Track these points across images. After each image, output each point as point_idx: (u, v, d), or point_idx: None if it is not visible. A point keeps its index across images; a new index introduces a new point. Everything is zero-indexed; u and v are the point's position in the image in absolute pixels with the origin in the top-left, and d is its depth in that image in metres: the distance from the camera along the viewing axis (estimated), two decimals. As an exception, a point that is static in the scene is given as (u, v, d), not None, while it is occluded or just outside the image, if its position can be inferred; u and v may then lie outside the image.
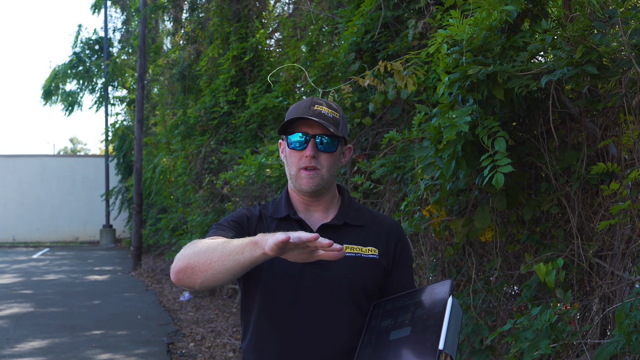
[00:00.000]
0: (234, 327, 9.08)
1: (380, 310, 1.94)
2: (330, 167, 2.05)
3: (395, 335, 1.76)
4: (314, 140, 2.02)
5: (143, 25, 16.45)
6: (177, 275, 1.85)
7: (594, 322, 3.04)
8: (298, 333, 1.98)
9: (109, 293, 12.40)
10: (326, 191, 2.10)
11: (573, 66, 2.45)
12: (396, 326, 1.80)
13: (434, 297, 1.79)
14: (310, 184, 2.03)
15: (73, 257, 20.73)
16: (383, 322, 1.87)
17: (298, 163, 2.04)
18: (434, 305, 1.75)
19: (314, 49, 9.14)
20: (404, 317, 1.81)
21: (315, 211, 2.12)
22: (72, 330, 8.77)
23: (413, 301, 1.85)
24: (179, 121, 12.77)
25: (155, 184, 16.35)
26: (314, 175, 2.03)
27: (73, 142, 63.22)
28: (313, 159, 2.02)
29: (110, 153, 25.65)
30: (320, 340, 1.98)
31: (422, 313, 1.76)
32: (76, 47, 26.76)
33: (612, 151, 3.04)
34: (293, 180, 2.07)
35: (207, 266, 1.78)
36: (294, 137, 2.04)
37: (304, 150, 2.02)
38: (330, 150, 2.03)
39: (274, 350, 2.00)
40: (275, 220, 2.11)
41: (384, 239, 2.10)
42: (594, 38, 2.39)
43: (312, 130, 2.03)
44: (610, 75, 2.45)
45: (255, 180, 7.73)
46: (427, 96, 4.99)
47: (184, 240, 11.80)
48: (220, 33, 12.09)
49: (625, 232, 2.97)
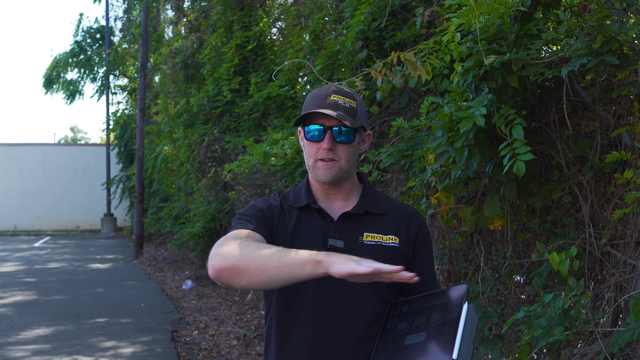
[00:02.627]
0: (237, 316, 9.11)
1: (397, 312, 1.94)
2: (349, 158, 2.04)
3: (410, 340, 1.75)
4: (330, 132, 2.00)
5: (145, 13, 16.41)
6: (219, 273, 1.78)
7: (606, 311, 3.05)
8: (322, 321, 1.99)
9: (112, 281, 12.43)
10: (345, 180, 2.09)
11: (592, 56, 2.45)
12: (411, 330, 1.79)
13: (449, 302, 1.77)
14: (328, 175, 2.02)
15: (74, 245, 20.77)
16: (399, 325, 1.86)
17: (315, 154, 2.03)
18: (449, 311, 1.74)
19: (317, 38, 9.11)
20: (419, 321, 1.80)
21: (336, 199, 2.11)
22: (76, 318, 8.80)
23: (429, 305, 1.84)
24: (182, 110, 12.75)
25: (157, 172, 16.34)
26: (331, 166, 2.01)
27: (74, 130, 63.18)
28: (330, 151, 2.00)
29: (111, 142, 25.63)
30: (343, 328, 1.98)
31: (437, 318, 1.75)
32: (77, 35, 26.71)
33: (625, 140, 3.04)
34: (311, 171, 2.06)
35: (259, 272, 1.74)
36: (310, 129, 2.03)
37: (321, 142, 2.01)
38: (348, 142, 2.02)
39: (298, 337, 2.00)
40: (295, 209, 2.10)
41: (404, 227, 2.10)
42: (612, 27, 2.38)
43: (328, 122, 2.01)
44: (630, 65, 2.44)
45: (260, 169, 7.72)
46: (435, 84, 4.98)
47: (186, 228, 11.81)
48: (224, 22, 12.05)
49: (638, 220, 2.97)
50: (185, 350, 7.26)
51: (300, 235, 2.03)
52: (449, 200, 3.81)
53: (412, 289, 2.06)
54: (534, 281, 3.29)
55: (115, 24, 26.50)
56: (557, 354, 3.09)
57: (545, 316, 2.62)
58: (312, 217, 2.05)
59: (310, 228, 2.04)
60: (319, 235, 2.02)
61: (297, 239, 2.01)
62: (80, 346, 7.20)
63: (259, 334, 7.84)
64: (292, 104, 10.17)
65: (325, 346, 1.99)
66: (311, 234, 2.03)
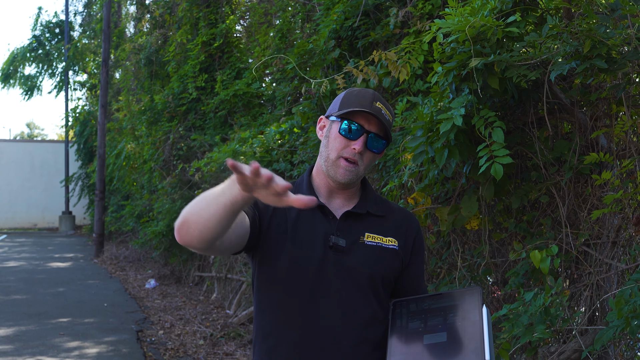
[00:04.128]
0: (203, 315, 9.03)
1: (404, 310, 1.93)
2: (368, 165, 2.04)
3: (431, 340, 1.76)
4: (367, 135, 1.99)
5: (108, 8, 16.17)
6: (178, 233, 1.74)
7: (584, 309, 3.10)
8: (317, 321, 1.96)
9: (73, 280, 12.22)
10: (354, 183, 2.08)
11: (581, 60, 2.49)
12: (428, 330, 1.79)
13: (464, 303, 1.79)
14: (346, 176, 2.00)
15: (32, 244, 20.35)
16: (411, 324, 1.86)
17: (341, 150, 2.00)
18: (467, 313, 1.76)
19: (285, 37, 9.09)
20: (435, 321, 1.81)
21: (337, 198, 2.09)
22: (37, 318, 8.62)
23: (441, 305, 1.85)
24: (145, 107, 12.59)
25: (118, 170, 16.11)
26: (352, 169, 1.99)
27: (30, 127, 61.94)
28: (358, 154, 1.99)
29: (70, 138, 25.18)
30: (339, 328, 1.96)
31: (454, 319, 1.77)
32: (36, 30, 26.23)
33: (602, 142, 3.10)
34: (329, 165, 2.02)
35: (199, 217, 1.69)
36: (349, 124, 2.00)
37: (354, 141, 1.98)
38: (377, 152, 2.02)
39: (292, 338, 1.98)
40: None
41: (403, 231, 2.10)
42: (598, 31, 2.43)
43: (368, 125, 1.99)
44: (618, 68, 2.50)
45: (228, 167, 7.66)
46: (409, 85, 5.01)
47: (150, 227, 11.67)
48: (189, 18, 11.95)
49: (615, 221, 3.03)
50: (152, 350, 7.18)
51: (302, 230, 2.01)
52: (426, 200, 3.84)
53: (404, 292, 2.08)
54: (511, 280, 3.33)
55: (75, 19, 26.11)
56: (534, 352, 3.14)
57: (527, 314, 2.65)
58: (314, 213, 2.03)
59: (311, 224, 2.02)
60: (320, 232, 2.00)
61: (298, 234, 2.00)
62: (43, 347, 7.06)
63: (225, 333, 7.79)
64: (258, 102, 10.14)
65: (320, 348, 1.96)
66: (313, 229, 2.01)
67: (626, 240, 2.99)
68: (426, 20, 4.99)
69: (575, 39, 2.54)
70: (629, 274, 2.91)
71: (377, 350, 1.98)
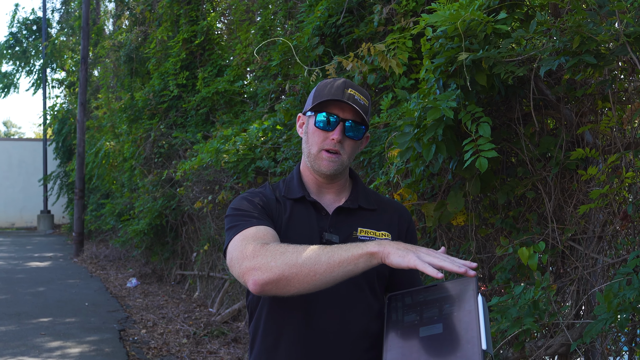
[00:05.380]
0: (185, 313, 8.99)
1: (399, 303, 1.90)
2: (351, 153, 2.04)
3: (426, 332, 1.73)
4: (343, 124, 1.99)
5: (87, 5, 16.02)
6: (264, 287, 1.72)
7: (570, 303, 3.13)
8: (316, 318, 1.96)
9: (53, 280, 12.10)
10: (341, 175, 2.08)
11: (570, 55, 2.51)
12: (424, 322, 1.76)
13: (459, 293, 1.76)
14: (330, 167, 2.00)
15: (10, 243, 20.12)
16: (406, 317, 1.83)
17: (321, 143, 2.01)
18: (463, 302, 1.73)
19: (266, 34, 9.07)
20: (430, 312, 1.78)
21: (328, 193, 2.09)
22: (18, 318, 8.53)
23: (437, 296, 1.82)
24: (126, 104, 12.50)
25: (97, 168, 15.98)
26: (335, 159, 2.00)
27: (7, 125, 61.12)
28: (338, 143, 1.99)
29: (48, 137, 24.91)
30: (338, 325, 1.96)
31: (450, 310, 1.74)
32: (13, 27, 25.86)
33: (587, 137, 3.13)
34: (312, 159, 2.03)
35: (310, 278, 1.69)
36: (324, 116, 2.00)
37: (331, 132, 1.99)
38: (356, 138, 2.01)
39: (292, 335, 1.97)
40: (289, 200, 2.07)
41: (395, 224, 2.10)
42: (586, 27, 2.45)
43: (342, 114, 1.99)
44: (607, 64, 2.52)
45: (211, 164, 7.63)
46: (393, 81, 5.02)
47: (131, 225, 11.59)
48: (170, 15, 11.87)
49: (600, 216, 3.06)
50: (135, 349, 7.13)
51: (295, 227, 2.00)
52: (413, 196, 3.85)
53: (399, 284, 2.07)
54: (498, 275, 3.35)
55: (53, 16, 25.82)
56: (522, 347, 3.16)
57: (516, 307, 2.67)
58: (307, 210, 2.04)
59: (305, 220, 2.02)
60: (314, 228, 2.00)
61: (291, 231, 1.99)
62: (24, 347, 6.99)
63: (208, 331, 7.76)
64: (240, 99, 10.10)
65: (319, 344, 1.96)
66: (306, 226, 2.01)
67: (612, 234, 3.02)
68: (410, 18, 5.00)
69: (564, 35, 2.56)
70: (615, 268, 2.94)
71: (375, 344, 1.98)
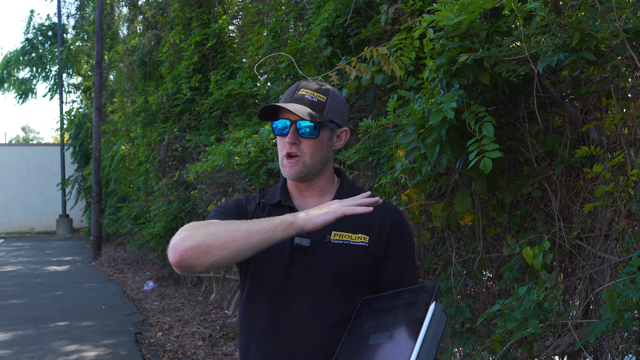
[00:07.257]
0: (202, 316, 9.03)
1: (367, 308, 1.87)
2: (314, 153, 2.00)
3: (374, 340, 1.69)
4: (294, 126, 1.98)
5: (100, 10, 16.14)
6: (183, 254, 1.75)
7: (578, 303, 3.11)
8: (286, 322, 1.96)
9: (71, 284, 12.20)
10: (316, 176, 2.05)
11: (569, 52, 2.49)
12: (377, 329, 1.72)
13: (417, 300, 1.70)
14: (292, 172, 2.00)
15: (30, 247, 20.32)
16: (366, 323, 1.80)
17: (282, 150, 2.02)
18: (416, 311, 1.66)
19: (277, 35, 9.08)
20: (385, 320, 1.73)
21: (310, 196, 2.09)
22: (35, 322, 8.61)
23: (399, 303, 1.76)
24: (140, 108, 12.57)
25: (114, 172, 16.11)
26: (295, 163, 1.99)
27: (25, 130, 61.75)
28: (294, 146, 1.98)
29: (65, 141, 25.13)
30: (307, 328, 1.95)
31: (403, 318, 1.68)
32: (28, 33, 26.12)
33: (592, 135, 3.10)
34: (281, 167, 2.05)
35: (229, 244, 1.75)
36: (277, 124, 2.01)
37: (286, 137, 2.00)
38: (311, 136, 1.98)
39: (262, 338, 1.99)
40: (268, 206, 2.09)
41: (377, 225, 2.03)
42: (587, 23, 2.43)
43: (293, 116, 1.98)
44: (606, 61, 2.49)
45: (223, 167, 7.66)
46: (401, 81, 5.01)
47: (147, 228, 11.66)
48: (182, 19, 11.93)
49: (607, 214, 3.03)
50: (150, 352, 7.18)
51: None
52: (420, 196, 3.83)
53: (387, 288, 2.01)
54: (505, 275, 3.33)
55: (68, 22, 26.04)
56: (530, 347, 3.14)
57: (520, 309, 2.65)
58: (282, 214, 1.99)
59: None
60: None
61: None
62: (41, 351, 7.06)
63: (224, 334, 7.79)
64: (253, 101, 10.12)
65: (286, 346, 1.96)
66: None
67: (618, 233, 2.99)
68: (417, 17, 4.99)
69: (564, 32, 2.54)
70: (622, 267, 2.91)
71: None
